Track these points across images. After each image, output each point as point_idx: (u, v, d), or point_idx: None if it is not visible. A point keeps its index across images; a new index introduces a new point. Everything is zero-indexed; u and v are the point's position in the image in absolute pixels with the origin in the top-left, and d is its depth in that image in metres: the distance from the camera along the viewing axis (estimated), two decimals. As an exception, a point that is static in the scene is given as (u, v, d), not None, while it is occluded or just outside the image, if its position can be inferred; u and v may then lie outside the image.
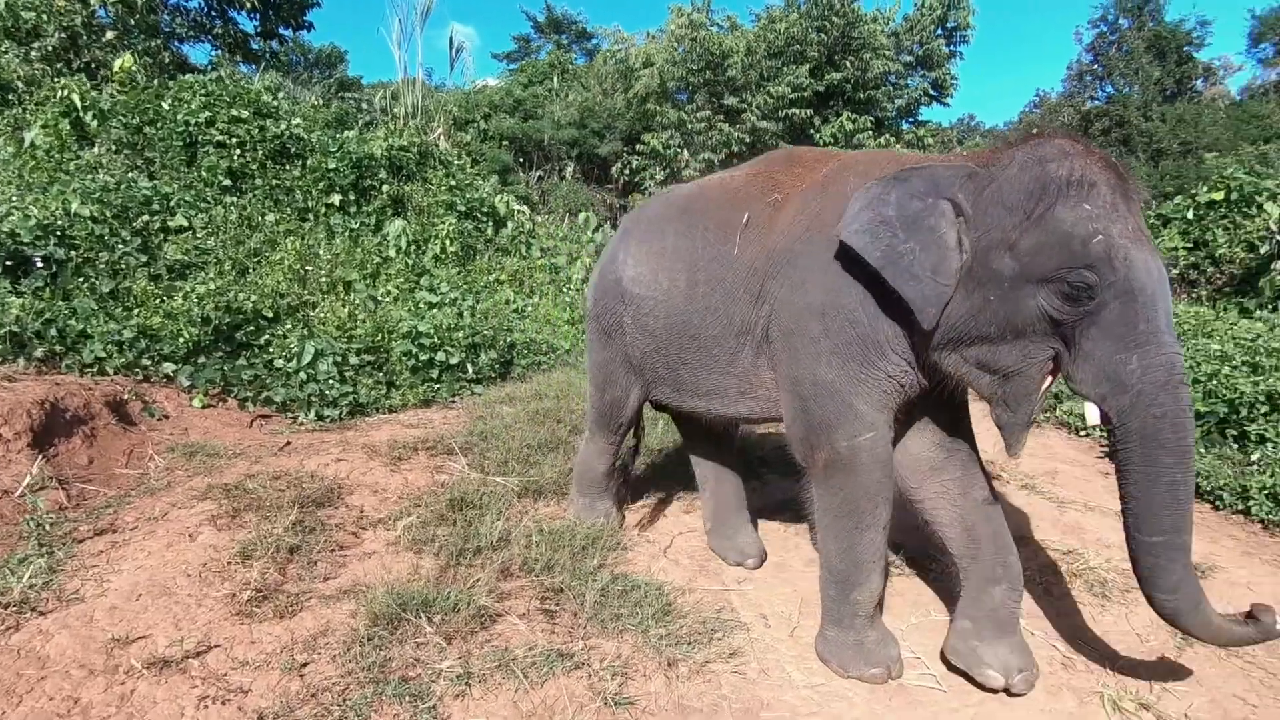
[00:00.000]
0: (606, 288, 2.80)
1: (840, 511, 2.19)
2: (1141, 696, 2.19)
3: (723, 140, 13.60)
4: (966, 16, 14.62)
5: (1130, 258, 1.67)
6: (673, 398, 2.74)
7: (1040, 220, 1.73)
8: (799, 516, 3.36)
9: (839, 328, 2.05)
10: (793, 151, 2.59)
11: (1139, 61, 23.78)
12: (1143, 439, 1.71)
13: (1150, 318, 1.68)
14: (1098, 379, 1.75)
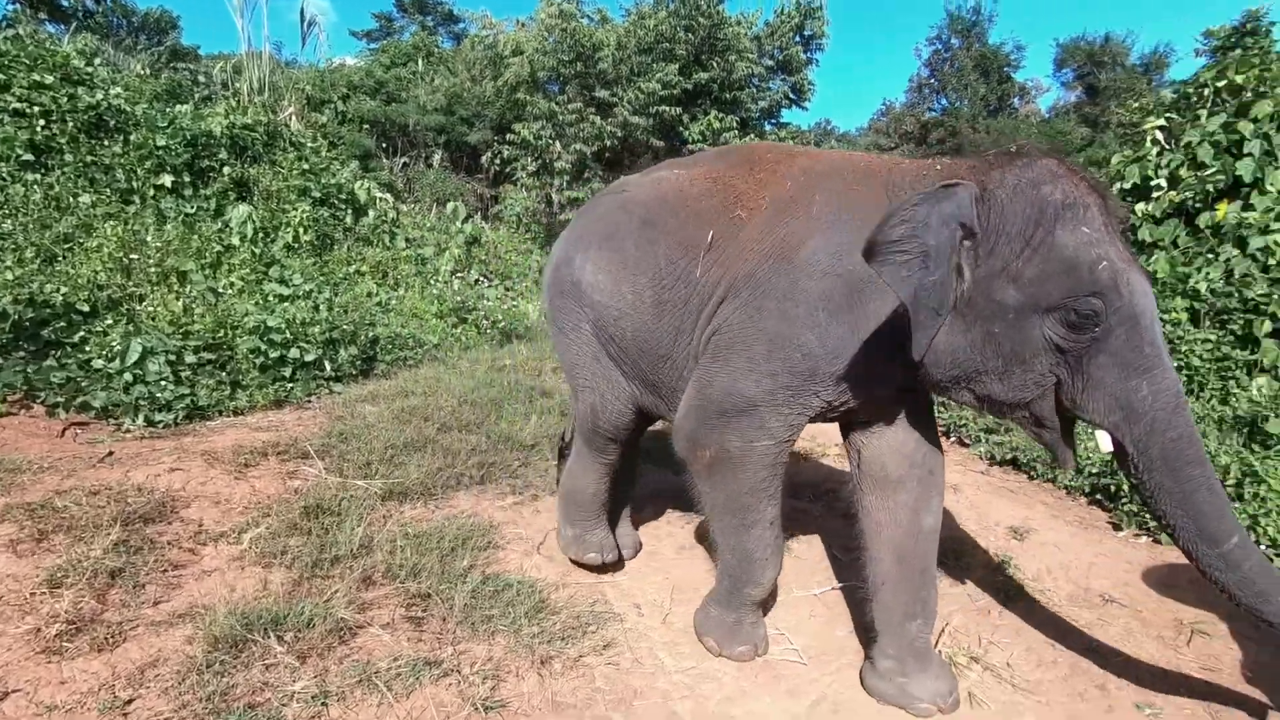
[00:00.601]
0: (565, 289, 2.61)
1: (726, 508, 2.19)
2: (972, 650, 2.43)
3: (595, 133, 13.59)
4: (821, 26, 15.50)
5: (1131, 282, 1.65)
6: (655, 406, 2.56)
7: (1042, 247, 1.66)
8: (670, 505, 3.44)
9: (786, 355, 1.97)
10: (751, 151, 2.43)
11: (968, 78, 26.37)
12: (1166, 462, 1.68)
13: (1153, 341, 1.66)
14: (1110, 407, 1.69)
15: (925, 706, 2.12)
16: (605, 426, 2.67)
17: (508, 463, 3.85)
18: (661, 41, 13.88)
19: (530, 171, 14.44)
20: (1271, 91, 4.67)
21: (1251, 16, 8.51)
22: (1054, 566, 3.04)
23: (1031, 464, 4.10)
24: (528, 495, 3.58)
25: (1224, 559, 1.68)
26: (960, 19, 27.63)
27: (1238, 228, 4.37)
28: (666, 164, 2.76)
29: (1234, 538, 1.68)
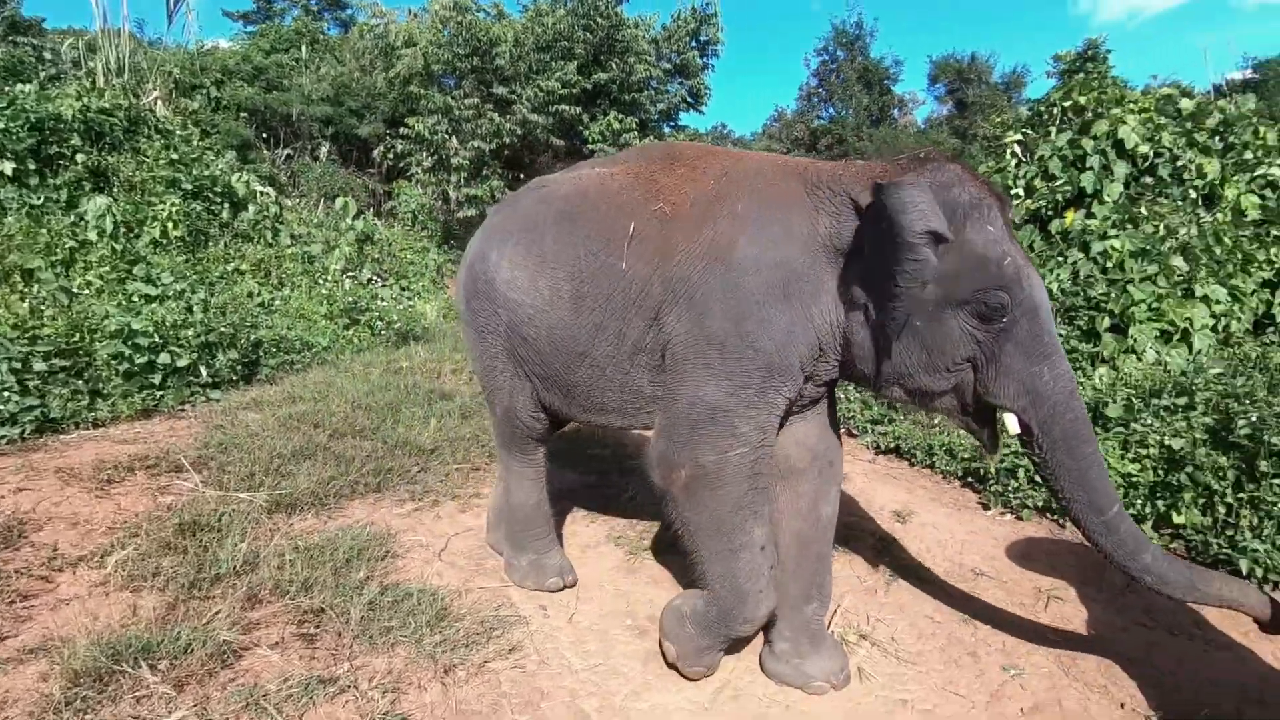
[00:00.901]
0: (478, 289, 2.53)
1: (710, 533, 2.07)
2: (860, 628, 2.58)
3: (493, 130, 13.35)
4: (716, 32, 15.95)
5: (1030, 276, 1.80)
6: (563, 408, 2.51)
7: (955, 245, 1.77)
8: (576, 504, 3.44)
9: (739, 354, 1.96)
10: (671, 147, 2.42)
11: (852, 89, 27.84)
12: (1066, 441, 1.84)
13: (1049, 330, 1.82)
14: (1018, 392, 1.84)
15: (820, 684, 2.23)
16: (525, 429, 2.63)
17: (405, 468, 3.72)
18: (560, 40, 13.82)
19: (426, 167, 14.00)
20: (1108, 112, 5.23)
21: (1092, 44, 9.53)
22: (932, 545, 3.28)
23: (912, 451, 4.40)
24: (428, 501, 3.48)
25: (1106, 525, 1.87)
26: (845, 32, 29.13)
27: (1082, 234, 4.87)
28: (587, 163, 2.73)
29: (1115, 506, 1.88)
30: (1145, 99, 5.31)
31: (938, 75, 30.56)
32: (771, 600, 2.14)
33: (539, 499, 2.79)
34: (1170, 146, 4.98)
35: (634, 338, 2.17)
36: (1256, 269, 4.40)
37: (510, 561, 2.84)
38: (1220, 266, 4.37)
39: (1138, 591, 2.85)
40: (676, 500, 2.11)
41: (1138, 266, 4.41)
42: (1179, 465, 3.13)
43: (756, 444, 2.01)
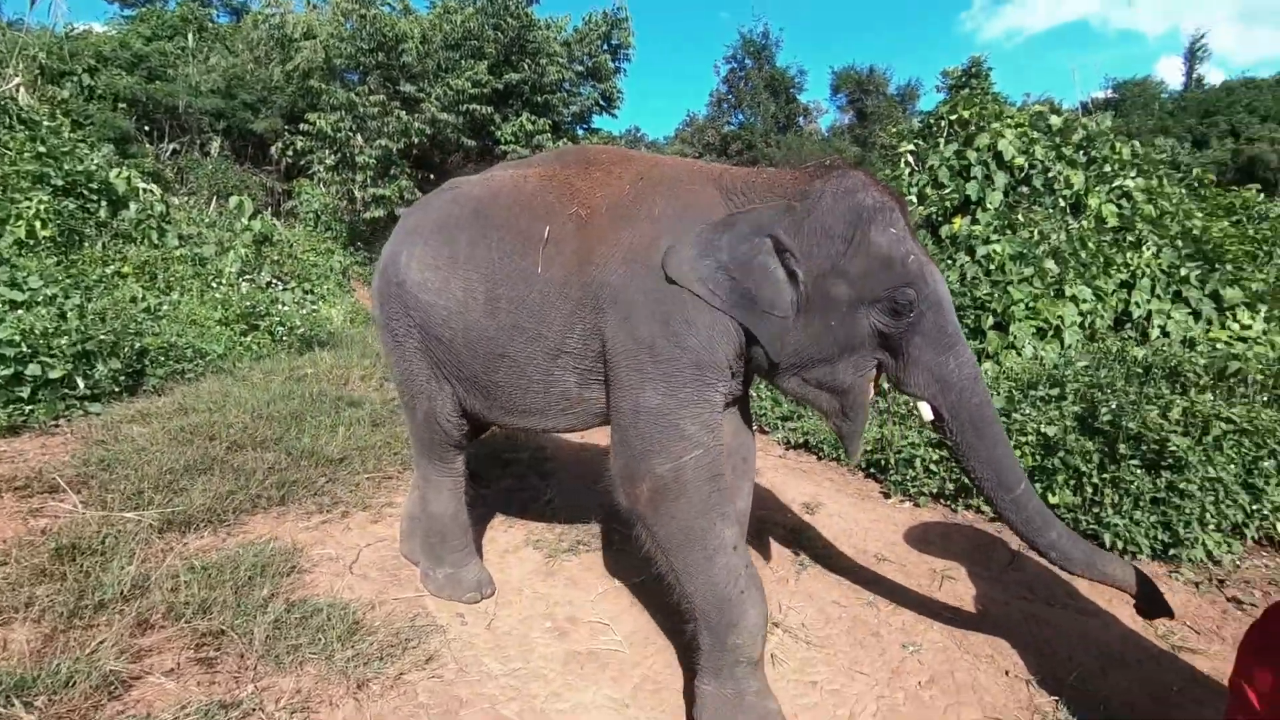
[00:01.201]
0: (391, 292, 2.47)
1: (680, 543, 1.99)
2: (773, 617, 2.69)
3: (401, 128, 12.93)
4: (627, 36, 16.08)
5: (933, 272, 1.93)
6: (485, 412, 2.47)
7: (862, 246, 1.89)
8: (494, 509, 3.41)
9: (669, 356, 1.99)
10: (586, 151, 2.43)
11: (760, 96, 28.72)
12: (973, 422, 1.96)
13: (952, 321, 1.95)
14: (928, 381, 1.96)
15: None
16: (445, 435, 2.58)
17: (312, 480, 3.57)
18: (470, 39, 13.56)
19: (329, 165, 13.42)
20: (988, 126, 5.66)
21: (975, 62, 10.23)
22: (839, 534, 3.45)
23: (820, 445, 4.61)
24: (337, 513, 3.36)
25: (1015, 502, 1.99)
26: (752, 41, 30.04)
27: (968, 239, 5.24)
28: (501, 165, 2.71)
29: (1022, 484, 2.00)
30: (1020, 115, 5.78)
31: (839, 85, 32.01)
32: (758, 602, 2.00)
33: (457, 509, 2.74)
34: (1042, 159, 5.44)
35: (554, 339, 2.17)
36: (1115, 271, 4.86)
37: (426, 573, 2.77)
38: (1085, 269, 4.81)
39: (1020, 568, 3.11)
40: (644, 517, 2.03)
41: (1016, 269, 4.79)
42: (1053, 450, 3.43)
43: (708, 444, 2.01)
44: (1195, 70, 30.70)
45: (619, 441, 2.08)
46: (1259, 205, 6.88)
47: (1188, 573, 3.01)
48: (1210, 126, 25.10)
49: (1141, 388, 3.45)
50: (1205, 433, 3.13)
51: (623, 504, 2.11)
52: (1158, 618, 2.13)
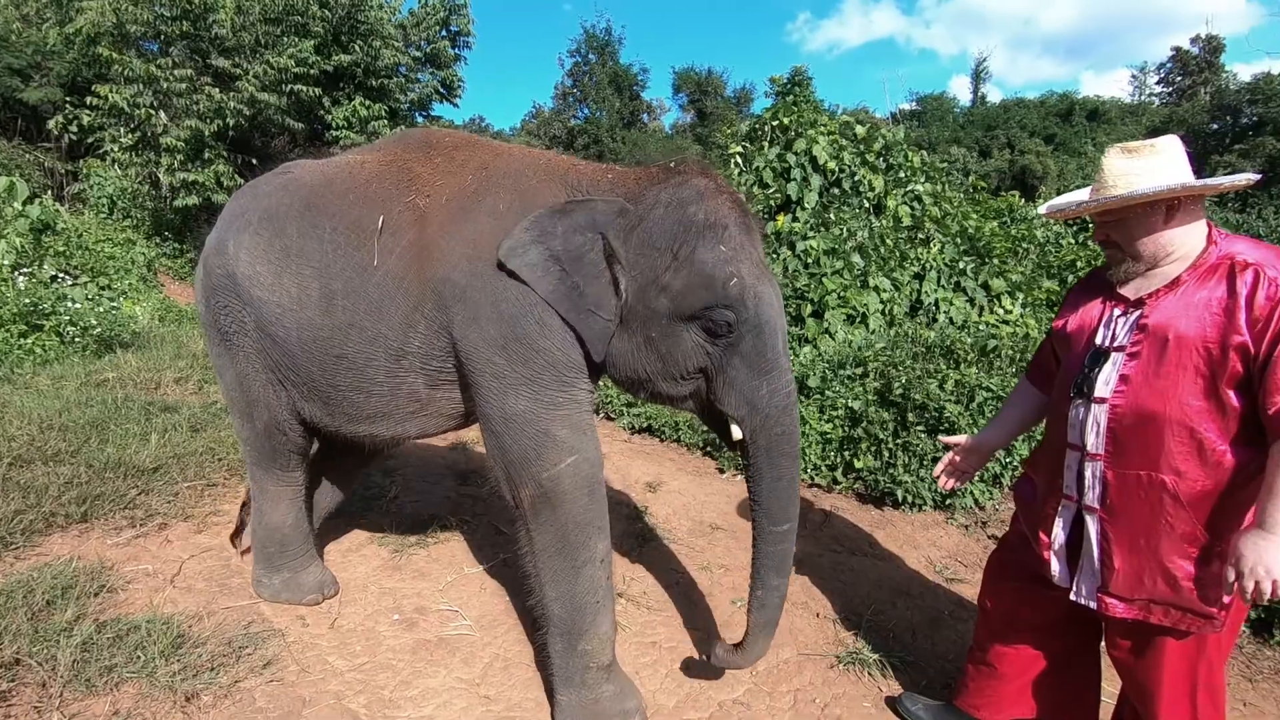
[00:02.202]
0: (218, 284, 2.27)
1: (552, 550, 1.99)
2: (618, 588, 2.87)
3: (214, 108, 11.73)
4: (467, 24, 15.71)
5: (759, 294, 1.83)
6: (327, 420, 2.32)
7: (686, 262, 1.82)
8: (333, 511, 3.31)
9: (525, 357, 1.92)
10: (430, 135, 2.31)
11: (605, 92, 29.14)
12: (769, 451, 1.90)
13: (774, 347, 1.86)
14: (739, 402, 1.89)
15: None
16: (286, 444, 2.46)
17: (121, 493, 3.26)
18: (292, 14, 12.59)
19: (125, 145, 11.89)
20: (805, 132, 6.23)
21: (798, 71, 11.11)
22: (678, 509, 3.71)
23: (662, 429, 4.89)
24: (153, 526, 3.10)
25: (773, 535, 1.95)
26: (595, 37, 30.38)
27: (789, 235, 5.77)
28: (346, 151, 2.59)
29: (788, 524, 1.95)
30: (832, 123, 6.41)
31: (680, 85, 33.24)
32: (611, 614, 2.08)
33: (297, 518, 2.63)
34: (850, 164, 6.08)
35: (395, 338, 2.08)
36: (909, 264, 5.58)
37: (260, 579, 2.65)
38: (885, 262, 5.47)
39: (830, 525, 3.53)
40: (525, 520, 2.02)
41: (829, 262, 5.35)
42: (858, 421, 3.91)
43: (583, 449, 1.97)
44: (980, 89, 35.17)
45: (495, 448, 2.02)
46: (1020, 209, 8.15)
47: (960, 518, 3.58)
48: (992, 139, 28.90)
49: (925, 365, 4.03)
50: (971, 400, 3.73)
51: (509, 504, 2.09)
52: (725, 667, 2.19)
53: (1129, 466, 1.53)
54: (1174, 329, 1.49)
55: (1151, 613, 1.55)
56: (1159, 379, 1.50)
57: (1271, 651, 2.55)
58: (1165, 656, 1.58)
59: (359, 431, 2.32)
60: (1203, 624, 1.51)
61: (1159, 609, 1.54)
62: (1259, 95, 23.58)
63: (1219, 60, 27.71)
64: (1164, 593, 1.53)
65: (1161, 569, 1.51)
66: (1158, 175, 1.52)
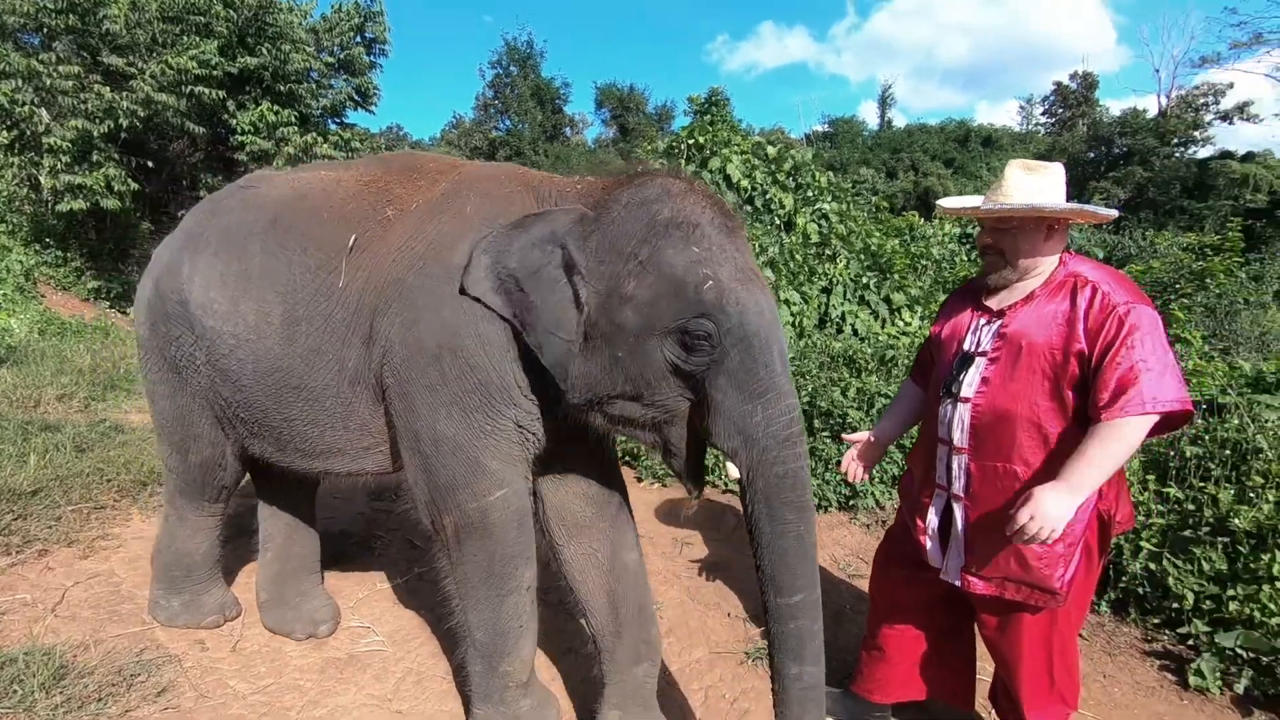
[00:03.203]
0: (168, 311, 2.11)
1: (477, 580, 1.87)
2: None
3: (104, 107, 10.98)
4: (383, 31, 15.32)
5: (742, 300, 1.56)
6: (278, 457, 2.17)
7: (651, 266, 1.58)
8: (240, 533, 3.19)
9: (458, 374, 1.74)
10: (416, 158, 2.19)
11: (527, 105, 29.09)
12: (768, 499, 1.57)
13: (767, 363, 1.56)
14: (729, 433, 1.58)
15: None
16: (220, 480, 2.36)
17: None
18: (194, 13, 11.99)
19: (2, 144, 10.99)
20: (719, 151, 6.47)
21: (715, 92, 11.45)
22: (596, 518, 3.76)
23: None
24: (31, 552, 2.91)
25: (780, 609, 1.58)
26: (516, 49, 30.33)
27: (706, 249, 5.96)
28: (314, 165, 2.48)
29: (800, 594, 1.58)
30: (745, 143, 6.69)
31: (602, 100, 33.54)
32: (533, 635, 1.98)
33: (211, 549, 2.52)
34: (762, 183, 6.36)
35: (354, 362, 1.92)
36: (817, 279, 5.87)
37: (157, 602, 2.53)
38: (794, 277, 5.73)
39: (744, 528, 3.67)
40: (448, 548, 1.88)
41: (742, 276, 5.57)
42: (768, 429, 4.08)
43: (513, 482, 1.82)
44: (886, 114, 37.17)
45: (420, 469, 1.85)
46: (920, 228, 8.70)
47: (862, 517, 3.79)
48: (898, 161, 30.58)
49: (830, 374, 4.25)
50: (871, 406, 3.97)
51: (425, 526, 1.94)
52: None
53: (988, 459, 1.71)
54: (1027, 337, 1.69)
55: (1006, 589, 1.73)
56: (1013, 381, 1.69)
57: (1129, 628, 2.83)
58: (1023, 630, 1.76)
59: (316, 468, 2.16)
60: (1048, 599, 1.70)
61: (1012, 586, 1.72)
62: (1127, 128, 25.97)
63: (1094, 95, 30.35)
64: (1016, 571, 1.71)
65: (1014, 549, 1.69)
66: (1052, 195, 1.71)
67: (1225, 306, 8.49)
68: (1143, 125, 25.62)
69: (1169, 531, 2.85)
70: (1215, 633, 2.53)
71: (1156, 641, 2.73)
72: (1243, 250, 7.65)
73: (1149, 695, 2.44)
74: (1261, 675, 2.40)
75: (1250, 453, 2.85)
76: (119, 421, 4.65)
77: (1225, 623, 2.56)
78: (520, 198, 1.89)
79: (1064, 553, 1.66)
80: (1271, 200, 19.85)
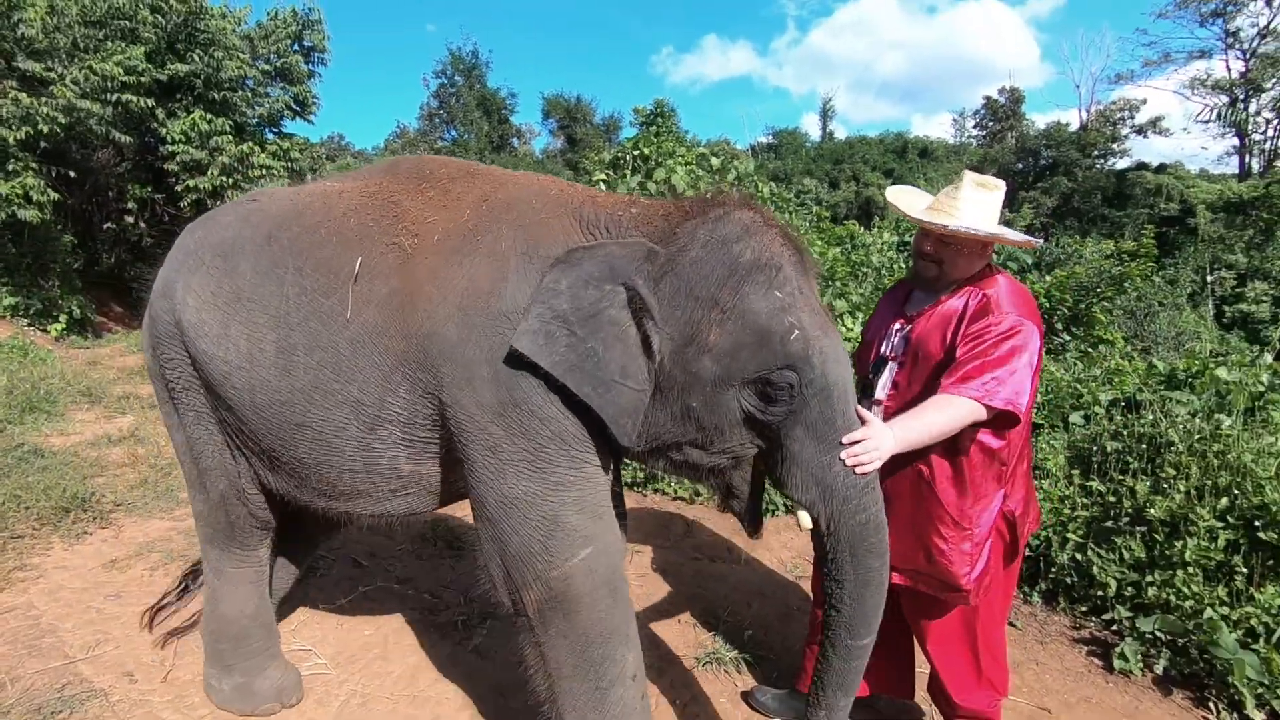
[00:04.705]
0: (164, 333, 1.96)
1: (569, 670, 1.64)
2: (484, 610, 2.86)
3: (21, 114, 10.44)
4: (322, 40, 14.98)
5: (825, 350, 1.53)
6: (297, 494, 1.98)
7: (734, 313, 1.51)
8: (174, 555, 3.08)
9: (526, 428, 1.59)
10: (423, 165, 2.00)
11: (473, 115, 28.86)
12: (852, 545, 1.57)
13: (845, 414, 1.56)
14: (806, 484, 1.57)
15: None
16: (246, 517, 2.12)
17: (-103, 552, 2.84)
18: (119, 17, 11.52)
19: (-100, 154, 10.31)
20: (665, 162, 6.54)
21: (659, 104, 11.57)
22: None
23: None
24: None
25: (849, 650, 1.63)
26: (461, 59, 30.08)
27: (653, 259, 6.01)
28: (325, 177, 2.33)
29: (869, 638, 1.63)
30: (689, 154, 6.77)
31: (550, 111, 33.50)
32: None
33: (258, 606, 2.24)
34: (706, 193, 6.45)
35: (371, 405, 1.75)
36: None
37: (209, 682, 2.26)
38: (740, 285, 5.83)
39: (692, 535, 3.70)
40: (533, 630, 1.67)
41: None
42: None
43: (599, 536, 1.65)
44: (828, 125, 38.20)
45: (492, 539, 1.68)
46: (860, 236, 8.95)
47: (804, 521, 3.86)
48: (840, 172, 31.43)
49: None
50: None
51: (508, 609, 1.73)
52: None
53: (899, 458, 1.71)
54: (925, 342, 1.79)
55: (918, 582, 1.83)
56: (915, 384, 1.80)
57: (1059, 617, 2.97)
58: (943, 622, 1.87)
59: (339, 508, 1.96)
60: (956, 596, 1.78)
61: (922, 579, 1.82)
62: (1052, 141, 27.30)
63: (1021, 109, 31.80)
64: (923, 565, 1.80)
65: (922, 544, 1.79)
66: (996, 214, 1.77)
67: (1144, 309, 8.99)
68: (1066, 138, 26.96)
69: (1093, 523, 3.01)
70: (1136, 618, 2.68)
71: (1084, 628, 2.87)
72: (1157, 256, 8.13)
73: (1078, 680, 2.56)
74: (1178, 656, 2.55)
75: (1164, 446, 3.03)
76: (38, 445, 4.40)
77: (1145, 608, 2.71)
78: (560, 224, 1.71)
79: (970, 551, 1.76)
80: (1183, 209, 21.13)
